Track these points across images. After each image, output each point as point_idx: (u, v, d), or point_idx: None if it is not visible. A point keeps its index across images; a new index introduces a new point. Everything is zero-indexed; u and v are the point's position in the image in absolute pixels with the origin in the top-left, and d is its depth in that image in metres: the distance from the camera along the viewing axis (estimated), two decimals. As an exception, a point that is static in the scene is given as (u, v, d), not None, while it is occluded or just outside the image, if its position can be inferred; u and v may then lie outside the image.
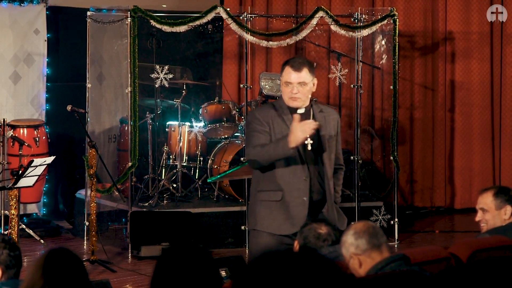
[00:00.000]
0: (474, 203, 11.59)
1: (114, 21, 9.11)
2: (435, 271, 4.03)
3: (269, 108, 5.60)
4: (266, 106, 5.81)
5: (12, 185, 7.66)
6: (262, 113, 5.54)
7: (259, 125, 5.47)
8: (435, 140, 10.92)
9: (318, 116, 5.53)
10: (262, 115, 5.52)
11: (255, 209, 5.56)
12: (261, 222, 5.49)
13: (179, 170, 9.39)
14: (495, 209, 5.35)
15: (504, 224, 5.34)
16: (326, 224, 4.62)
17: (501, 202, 5.35)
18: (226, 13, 8.89)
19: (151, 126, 9.49)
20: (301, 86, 5.47)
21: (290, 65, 5.51)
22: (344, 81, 9.56)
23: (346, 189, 9.69)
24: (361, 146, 9.73)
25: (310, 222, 4.69)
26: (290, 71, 5.49)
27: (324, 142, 5.52)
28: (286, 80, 5.48)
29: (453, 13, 10.83)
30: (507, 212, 5.33)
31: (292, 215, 5.43)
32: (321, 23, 9.23)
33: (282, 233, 5.45)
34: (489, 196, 5.38)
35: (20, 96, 9.77)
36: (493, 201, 5.36)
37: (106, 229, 9.47)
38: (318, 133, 5.48)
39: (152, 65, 9.21)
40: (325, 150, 5.51)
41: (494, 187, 5.63)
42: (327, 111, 5.68)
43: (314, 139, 5.46)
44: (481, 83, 10.89)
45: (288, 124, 5.42)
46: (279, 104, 5.56)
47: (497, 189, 5.43)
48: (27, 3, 9.69)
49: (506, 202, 5.34)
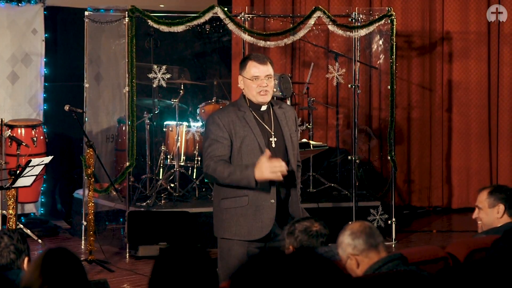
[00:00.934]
0: (472, 203, 11.64)
1: (112, 21, 9.11)
2: (433, 271, 4.04)
3: (229, 109, 5.43)
4: (227, 107, 5.56)
5: (10, 185, 7.66)
6: (222, 117, 5.36)
7: (219, 132, 5.31)
8: (432, 140, 10.93)
9: (278, 112, 5.47)
10: (222, 119, 5.34)
11: (221, 218, 5.40)
12: (229, 230, 5.36)
13: (177, 170, 9.40)
14: (488, 207, 5.38)
15: (499, 223, 5.36)
16: (315, 220, 4.55)
17: (495, 200, 5.37)
18: (224, 13, 8.90)
19: (148, 126, 9.49)
20: (268, 79, 5.40)
21: (254, 59, 5.41)
22: (342, 81, 9.57)
23: (344, 189, 9.71)
24: (359, 146, 9.73)
25: (298, 224, 4.57)
26: (256, 64, 5.38)
27: (288, 138, 5.44)
28: (254, 75, 5.36)
29: (451, 13, 10.84)
30: (499, 211, 5.35)
31: (260, 219, 5.32)
32: (319, 23, 9.23)
33: (251, 238, 5.33)
34: (484, 194, 5.41)
35: (18, 96, 9.76)
36: (487, 199, 5.38)
37: (104, 229, 9.47)
38: (281, 129, 5.42)
39: (149, 65, 9.21)
40: (288, 147, 5.43)
41: (492, 186, 5.64)
42: (285, 107, 5.60)
43: (277, 136, 5.40)
44: (478, 83, 10.89)
45: (250, 124, 5.33)
46: (240, 104, 5.43)
47: (493, 188, 5.46)
48: (25, 3, 9.69)
49: (499, 200, 5.36)
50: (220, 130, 5.31)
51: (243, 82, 5.44)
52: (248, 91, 5.42)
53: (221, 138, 5.31)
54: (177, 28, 8.78)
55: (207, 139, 5.37)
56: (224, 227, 5.39)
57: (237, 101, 5.50)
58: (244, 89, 5.44)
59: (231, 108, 5.45)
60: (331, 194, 9.75)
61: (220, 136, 5.31)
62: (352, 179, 9.33)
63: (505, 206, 5.34)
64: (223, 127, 5.31)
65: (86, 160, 8.30)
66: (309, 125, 9.79)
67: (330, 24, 9.11)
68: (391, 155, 9.40)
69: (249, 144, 5.33)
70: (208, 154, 5.31)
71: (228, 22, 8.94)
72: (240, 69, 5.46)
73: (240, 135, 5.33)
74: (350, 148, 9.80)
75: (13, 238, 4.28)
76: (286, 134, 5.43)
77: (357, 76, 9.47)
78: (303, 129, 9.70)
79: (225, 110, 5.49)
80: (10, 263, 4.25)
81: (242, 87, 5.45)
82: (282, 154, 5.38)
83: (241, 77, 5.44)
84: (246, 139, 5.34)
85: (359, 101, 9.61)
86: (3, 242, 4.27)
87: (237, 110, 5.39)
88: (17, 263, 4.26)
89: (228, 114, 5.37)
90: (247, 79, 5.40)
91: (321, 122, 10.76)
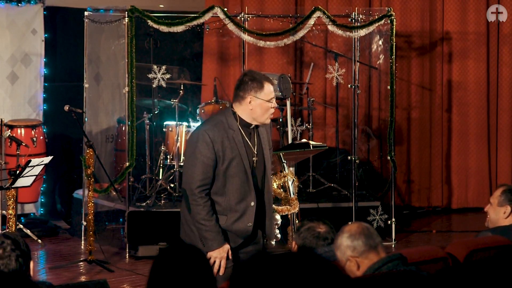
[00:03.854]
0: (471, 203, 11.63)
1: (112, 21, 9.12)
2: (432, 271, 4.04)
3: (219, 126, 5.28)
4: (217, 123, 5.32)
5: (10, 185, 7.66)
6: (213, 135, 5.23)
7: (207, 152, 5.19)
8: (432, 140, 10.93)
9: (260, 128, 5.43)
10: (213, 137, 5.22)
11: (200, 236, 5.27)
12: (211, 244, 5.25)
13: (177, 170, 9.40)
14: (497, 205, 5.41)
15: (504, 223, 5.38)
16: (324, 223, 4.61)
17: (504, 200, 5.39)
18: (223, 13, 8.90)
19: (148, 126, 9.49)
20: None
21: (268, 81, 5.33)
22: (341, 81, 9.57)
23: (343, 189, 9.71)
24: (358, 146, 9.73)
25: (307, 222, 4.68)
26: (270, 86, 5.32)
27: (267, 158, 5.43)
28: (272, 97, 5.31)
29: (450, 13, 10.84)
30: (506, 211, 5.37)
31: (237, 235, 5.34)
32: (318, 23, 9.24)
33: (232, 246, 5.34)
34: (499, 191, 5.46)
35: (18, 96, 9.77)
36: (499, 197, 5.42)
37: (104, 229, 9.48)
38: (262, 148, 5.38)
39: (149, 65, 9.21)
40: (267, 166, 5.42)
41: (508, 185, 5.59)
42: None
43: (259, 155, 5.38)
44: (477, 83, 10.90)
45: (238, 146, 5.26)
46: (229, 121, 5.30)
47: (508, 188, 5.46)
48: (24, 3, 9.70)
49: (508, 202, 5.37)
50: (209, 150, 5.20)
51: (255, 103, 5.30)
52: (256, 113, 5.31)
53: (207, 160, 5.20)
54: (176, 28, 8.78)
55: (192, 156, 5.23)
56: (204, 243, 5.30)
57: (225, 117, 5.33)
58: (252, 110, 5.31)
59: (220, 125, 5.29)
60: (330, 194, 9.76)
61: (208, 157, 5.20)
62: (351, 179, 9.33)
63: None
64: (212, 148, 5.20)
65: (86, 160, 8.30)
66: (308, 125, 9.80)
67: (329, 24, 9.11)
68: (390, 155, 9.40)
69: (235, 166, 5.27)
70: (194, 174, 5.22)
71: (228, 22, 8.94)
72: (252, 89, 5.29)
73: (228, 157, 5.25)
74: (349, 148, 9.80)
75: (19, 243, 4.23)
76: (266, 153, 5.42)
77: (357, 76, 9.47)
78: (303, 129, 9.70)
79: (216, 126, 5.29)
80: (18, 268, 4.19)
81: (251, 108, 5.30)
82: (261, 173, 5.41)
83: (254, 97, 5.29)
84: (234, 162, 5.26)
85: (358, 101, 9.61)
86: (9, 246, 4.23)
87: (228, 128, 5.28)
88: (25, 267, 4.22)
89: (219, 133, 5.25)
90: (263, 100, 5.29)
91: (321, 122, 10.77)
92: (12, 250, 4.15)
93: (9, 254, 4.14)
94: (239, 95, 5.33)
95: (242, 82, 5.34)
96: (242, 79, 5.36)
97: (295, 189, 6.60)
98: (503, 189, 5.45)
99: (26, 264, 4.20)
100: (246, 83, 5.31)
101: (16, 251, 4.15)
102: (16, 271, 4.13)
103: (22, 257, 4.16)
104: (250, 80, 5.32)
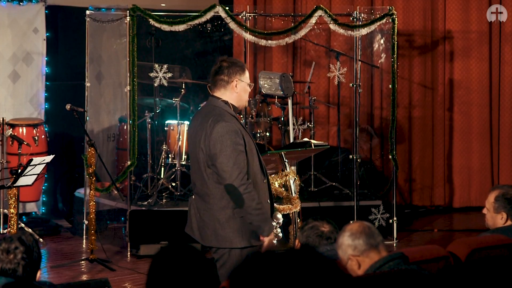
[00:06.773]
0: (473, 202, 11.61)
1: (113, 20, 9.12)
2: (434, 270, 4.04)
3: (230, 116, 5.31)
4: (226, 114, 5.34)
5: (11, 184, 7.66)
6: (235, 125, 5.27)
7: (240, 140, 5.23)
8: (434, 139, 10.92)
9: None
10: (236, 127, 5.26)
11: (240, 227, 5.30)
12: (248, 238, 5.31)
13: (178, 169, 9.40)
14: (493, 211, 5.38)
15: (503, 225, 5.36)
16: (328, 222, 4.61)
17: (499, 207, 5.36)
18: (225, 12, 8.90)
19: (150, 125, 9.49)
20: None
21: (246, 68, 5.46)
22: (343, 80, 9.57)
23: (345, 188, 9.70)
24: (360, 145, 9.73)
25: (311, 221, 4.68)
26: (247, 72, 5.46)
27: None
28: (251, 82, 5.46)
29: (452, 12, 10.83)
30: (503, 217, 5.36)
31: None
32: (320, 22, 9.23)
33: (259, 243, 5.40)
34: (492, 196, 5.39)
35: (19, 95, 9.77)
36: (493, 203, 5.37)
37: (105, 228, 9.48)
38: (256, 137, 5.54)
39: (151, 64, 9.21)
40: None
41: (500, 188, 5.54)
42: None
43: None
44: (479, 82, 10.89)
45: (246, 130, 5.39)
46: (229, 111, 5.35)
47: (500, 193, 5.40)
48: (26, 2, 9.70)
49: (503, 209, 5.34)
50: (240, 138, 5.24)
51: (240, 86, 5.38)
52: (241, 96, 5.40)
53: (242, 147, 5.24)
54: (178, 27, 8.78)
55: (228, 149, 5.19)
56: (247, 235, 5.31)
57: (225, 107, 5.36)
58: (238, 94, 5.37)
59: (228, 114, 5.32)
60: (332, 193, 9.75)
61: (241, 145, 5.24)
62: (353, 178, 9.33)
63: (508, 214, 5.35)
64: (241, 136, 5.25)
65: (88, 159, 8.31)
66: (310, 124, 9.79)
67: (331, 23, 9.11)
68: (392, 154, 9.40)
69: (252, 148, 5.34)
70: (235, 167, 5.19)
71: (229, 21, 8.94)
72: (237, 72, 5.37)
73: (247, 140, 5.31)
74: (351, 147, 9.80)
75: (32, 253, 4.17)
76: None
77: (359, 75, 9.47)
78: (305, 128, 9.69)
79: (230, 118, 5.31)
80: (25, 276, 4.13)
81: (237, 91, 5.37)
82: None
83: (239, 81, 5.36)
84: (250, 144, 5.33)
85: (360, 100, 9.61)
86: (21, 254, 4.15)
87: (233, 117, 5.34)
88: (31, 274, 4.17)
89: (235, 122, 5.30)
90: (246, 83, 5.39)
91: (323, 121, 10.76)
92: (23, 259, 4.09)
93: (18, 262, 4.09)
94: (223, 79, 5.37)
95: (222, 67, 5.38)
96: (221, 65, 5.39)
97: (296, 188, 6.60)
98: (495, 195, 5.39)
99: (33, 273, 4.15)
100: (228, 67, 5.38)
101: (26, 260, 4.09)
102: (22, 278, 4.10)
103: (31, 267, 4.12)
104: (232, 64, 5.38)
